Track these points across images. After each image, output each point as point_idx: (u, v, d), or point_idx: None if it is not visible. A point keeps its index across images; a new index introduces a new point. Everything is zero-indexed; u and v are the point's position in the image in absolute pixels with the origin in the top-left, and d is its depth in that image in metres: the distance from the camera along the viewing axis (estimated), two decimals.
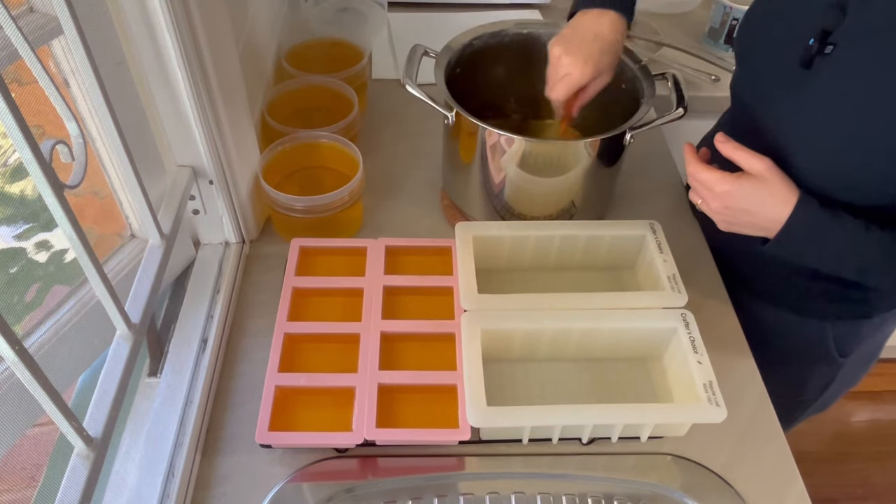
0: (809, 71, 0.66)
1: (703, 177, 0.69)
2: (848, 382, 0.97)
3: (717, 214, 0.70)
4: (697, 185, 0.70)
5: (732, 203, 0.67)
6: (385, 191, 1.00)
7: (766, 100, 0.73)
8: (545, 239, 0.83)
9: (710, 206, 0.70)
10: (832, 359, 0.89)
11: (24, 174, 0.59)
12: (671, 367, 0.75)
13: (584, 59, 0.75)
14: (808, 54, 0.66)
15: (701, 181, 0.69)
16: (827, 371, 0.92)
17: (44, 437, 0.69)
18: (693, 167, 0.70)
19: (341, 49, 1.10)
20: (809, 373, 0.93)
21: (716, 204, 0.69)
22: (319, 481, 0.69)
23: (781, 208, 0.65)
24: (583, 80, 0.76)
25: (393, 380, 0.71)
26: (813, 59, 0.66)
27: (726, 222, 0.70)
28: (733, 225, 0.70)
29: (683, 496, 0.69)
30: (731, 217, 0.69)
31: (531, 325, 0.74)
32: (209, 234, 0.88)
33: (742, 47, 0.78)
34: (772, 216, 0.66)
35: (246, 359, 0.79)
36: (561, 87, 0.77)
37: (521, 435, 0.71)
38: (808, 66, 0.66)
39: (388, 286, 0.80)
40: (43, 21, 0.57)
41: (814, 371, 0.93)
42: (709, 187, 0.68)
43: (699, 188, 0.70)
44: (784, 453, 0.73)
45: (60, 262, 0.68)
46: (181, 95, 0.70)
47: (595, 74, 0.77)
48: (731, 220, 0.69)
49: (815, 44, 0.65)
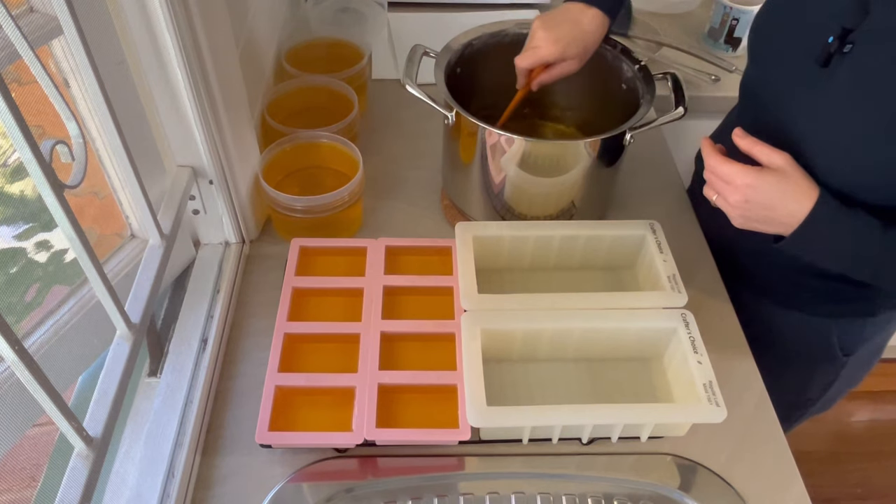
0: (827, 69, 0.66)
1: (723, 170, 0.67)
2: (850, 382, 0.96)
3: (736, 209, 0.68)
4: (715, 179, 0.69)
5: (754, 196, 0.65)
6: (385, 191, 1.00)
7: (781, 97, 0.72)
8: (545, 239, 0.83)
9: (729, 200, 0.68)
10: (835, 357, 0.89)
11: (24, 174, 0.59)
12: (671, 367, 0.75)
13: (555, 39, 0.79)
14: (826, 52, 0.65)
15: (720, 174, 0.68)
16: (830, 370, 0.92)
17: (44, 437, 0.69)
18: (713, 160, 0.68)
19: (341, 49, 1.10)
20: (812, 372, 0.93)
21: (735, 197, 0.67)
22: (319, 481, 0.69)
23: (802, 203, 0.64)
24: (548, 57, 0.79)
25: (393, 380, 0.71)
26: (831, 57, 0.65)
27: (743, 217, 0.68)
28: (750, 220, 0.68)
29: (683, 496, 0.69)
30: (749, 212, 0.67)
31: (531, 325, 0.74)
32: (209, 234, 0.88)
33: (756, 45, 0.77)
34: (792, 211, 0.65)
35: (246, 359, 0.79)
36: (527, 56, 0.81)
37: (521, 435, 0.71)
38: (825, 65, 0.66)
39: (388, 286, 0.79)
40: (43, 21, 0.57)
41: (816, 370, 0.93)
42: (729, 180, 0.67)
43: (716, 182, 0.69)
44: (784, 453, 0.73)
45: (60, 262, 0.68)
46: (181, 95, 0.70)
47: (560, 56, 0.79)
48: (750, 214, 0.67)
49: (836, 42, 0.64)
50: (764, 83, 0.76)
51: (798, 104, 0.70)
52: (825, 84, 0.66)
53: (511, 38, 0.94)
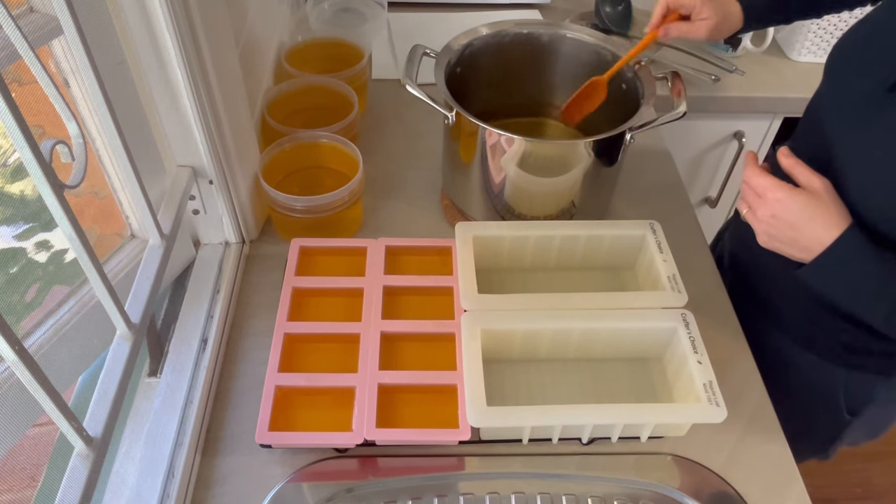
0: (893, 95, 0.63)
1: (757, 181, 0.67)
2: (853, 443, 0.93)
3: (762, 224, 0.67)
4: (748, 191, 0.68)
5: (781, 213, 0.64)
6: (385, 191, 1.00)
7: (840, 117, 0.70)
8: (545, 239, 0.83)
9: (757, 214, 0.67)
10: (839, 412, 0.86)
11: (24, 174, 0.59)
12: (671, 367, 0.75)
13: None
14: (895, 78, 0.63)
15: (753, 185, 0.67)
16: (832, 427, 0.89)
17: (44, 437, 0.69)
18: (750, 170, 0.68)
19: (341, 49, 1.10)
20: (814, 425, 0.90)
21: (763, 211, 0.66)
22: (319, 481, 0.69)
23: (830, 230, 0.63)
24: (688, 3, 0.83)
25: (393, 380, 0.71)
26: None
27: (768, 234, 0.67)
28: (774, 239, 0.67)
29: (683, 496, 0.69)
30: (775, 229, 0.66)
31: (531, 325, 0.74)
32: (209, 234, 0.88)
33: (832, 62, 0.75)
34: (817, 236, 0.63)
35: (246, 359, 0.79)
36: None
37: (521, 435, 0.71)
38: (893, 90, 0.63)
39: (388, 286, 0.79)
40: (43, 21, 0.57)
41: (818, 423, 0.89)
42: (760, 192, 0.66)
43: (749, 194, 0.68)
44: (784, 453, 0.73)
45: (60, 262, 0.68)
46: (181, 95, 0.70)
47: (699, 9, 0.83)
48: (775, 232, 0.66)
49: None
50: (827, 101, 0.74)
51: (855, 125, 0.67)
52: (887, 110, 0.64)
53: (511, 38, 0.94)
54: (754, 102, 1.28)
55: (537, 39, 0.94)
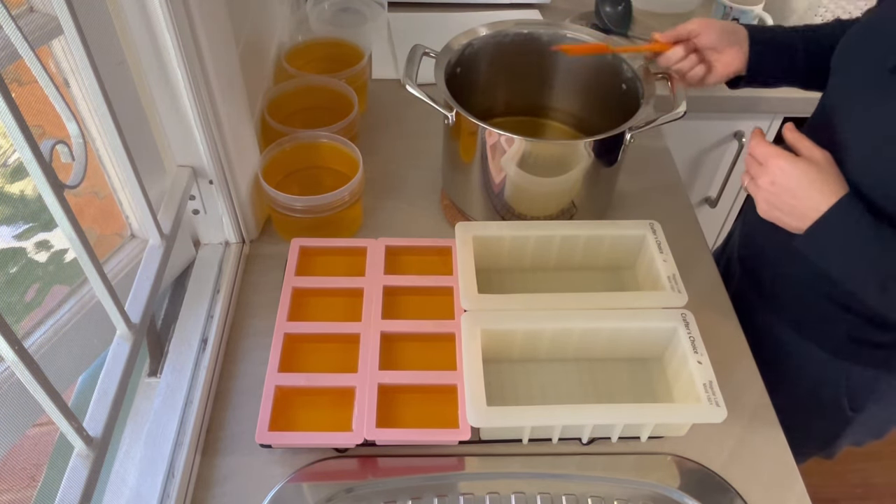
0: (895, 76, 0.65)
1: (760, 150, 0.68)
2: (857, 443, 0.93)
3: (762, 191, 0.68)
4: (751, 161, 0.70)
5: (781, 179, 0.66)
6: (385, 191, 1.00)
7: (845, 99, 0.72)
8: (545, 239, 0.83)
9: (758, 182, 0.68)
10: (842, 408, 0.86)
11: (24, 174, 0.59)
12: (671, 367, 0.75)
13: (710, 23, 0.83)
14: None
15: (757, 154, 0.69)
16: (835, 423, 0.89)
17: (44, 437, 0.69)
18: (754, 141, 0.69)
19: (341, 49, 1.10)
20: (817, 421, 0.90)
21: (764, 179, 0.67)
22: (319, 481, 0.69)
23: (827, 197, 0.64)
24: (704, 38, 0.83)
25: (393, 380, 0.71)
26: None
27: (768, 203, 0.68)
28: (774, 207, 0.68)
29: (683, 496, 0.69)
30: (774, 196, 0.67)
31: (531, 325, 0.74)
32: (209, 234, 0.88)
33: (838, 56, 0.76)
34: (815, 203, 0.65)
35: (246, 359, 0.79)
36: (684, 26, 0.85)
37: (521, 435, 0.71)
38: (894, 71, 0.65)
39: (388, 286, 0.79)
40: (43, 21, 0.57)
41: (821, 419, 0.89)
42: (762, 160, 0.68)
43: (751, 163, 0.70)
44: (784, 453, 0.73)
45: (60, 262, 0.68)
46: (181, 95, 0.70)
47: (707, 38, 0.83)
48: (774, 200, 0.67)
49: None
50: (833, 91, 0.76)
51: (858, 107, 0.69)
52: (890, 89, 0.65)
53: (511, 38, 0.94)
54: (754, 102, 1.28)
55: (537, 39, 0.94)
